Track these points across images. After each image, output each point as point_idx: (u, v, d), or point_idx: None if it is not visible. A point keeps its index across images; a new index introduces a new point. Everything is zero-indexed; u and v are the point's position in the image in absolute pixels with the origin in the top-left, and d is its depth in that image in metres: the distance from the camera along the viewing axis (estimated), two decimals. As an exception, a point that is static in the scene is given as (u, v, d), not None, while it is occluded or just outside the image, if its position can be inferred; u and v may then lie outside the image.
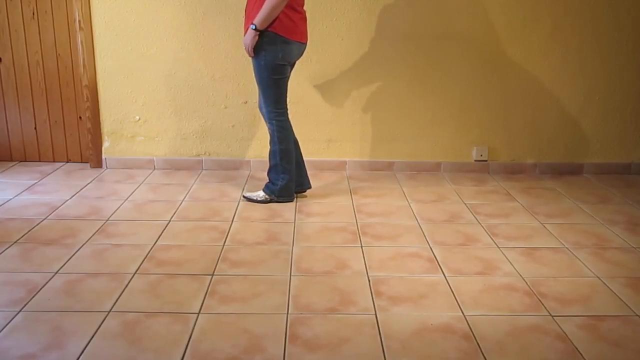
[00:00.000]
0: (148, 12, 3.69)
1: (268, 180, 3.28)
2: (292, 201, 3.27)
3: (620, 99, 3.91)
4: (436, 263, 2.57)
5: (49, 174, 3.77)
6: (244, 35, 2.99)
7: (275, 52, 2.96)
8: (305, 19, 3.08)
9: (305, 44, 3.12)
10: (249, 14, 2.98)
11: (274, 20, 2.89)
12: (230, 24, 3.71)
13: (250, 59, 3.13)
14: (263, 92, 3.10)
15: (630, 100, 3.92)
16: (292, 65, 3.17)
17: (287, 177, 3.22)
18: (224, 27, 3.71)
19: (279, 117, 3.13)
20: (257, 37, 2.92)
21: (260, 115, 3.33)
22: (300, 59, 3.76)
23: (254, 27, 2.89)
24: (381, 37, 3.75)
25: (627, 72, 3.86)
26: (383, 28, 3.73)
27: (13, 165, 3.95)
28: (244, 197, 3.30)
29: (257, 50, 2.98)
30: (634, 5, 3.73)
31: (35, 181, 3.62)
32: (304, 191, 3.39)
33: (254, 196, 3.27)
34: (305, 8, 3.09)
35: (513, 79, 3.85)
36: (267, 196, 3.25)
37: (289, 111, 3.20)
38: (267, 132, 3.23)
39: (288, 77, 3.14)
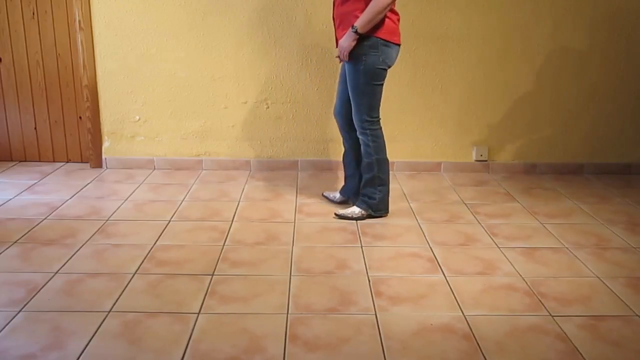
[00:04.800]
0: (148, 12, 3.69)
1: (362, 195, 3.07)
2: (387, 214, 3.10)
3: (620, 99, 3.91)
4: (436, 263, 2.57)
5: (49, 174, 3.77)
6: (337, 40, 2.90)
7: (376, 56, 2.81)
8: (399, 20, 2.93)
9: (400, 45, 2.94)
10: (342, 17, 2.85)
11: (376, 24, 2.76)
12: (230, 24, 3.71)
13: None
14: (356, 99, 2.91)
15: (630, 100, 3.92)
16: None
17: (385, 189, 3.05)
18: (224, 27, 3.72)
19: (373, 125, 2.95)
20: (355, 41, 2.77)
21: (335, 121, 3.18)
22: (300, 59, 3.78)
23: (354, 30, 2.74)
24: (381, 37, 3.74)
25: (627, 72, 3.86)
26: (383, 28, 3.73)
27: (13, 165, 3.95)
28: (336, 215, 3.09)
29: (355, 55, 2.82)
30: (634, 5, 3.74)
31: (35, 181, 3.62)
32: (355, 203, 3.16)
33: (349, 213, 3.06)
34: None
35: (513, 79, 3.85)
36: (363, 212, 3.05)
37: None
38: (361, 143, 3.02)
39: (382, 85, 2.94)
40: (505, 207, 3.32)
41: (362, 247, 2.73)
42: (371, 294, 2.27)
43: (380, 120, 2.98)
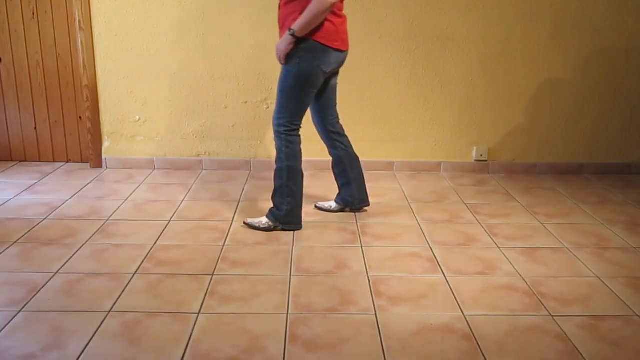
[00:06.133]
0: (148, 12, 3.69)
1: (272, 205, 2.90)
2: (299, 229, 2.91)
3: (620, 99, 3.91)
4: (436, 263, 2.57)
5: (49, 174, 3.77)
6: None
7: (311, 61, 2.66)
8: (346, 23, 2.77)
9: (346, 51, 2.80)
10: (284, 19, 2.70)
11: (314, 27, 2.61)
12: (230, 24, 3.71)
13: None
14: (282, 102, 2.75)
15: (630, 100, 3.92)
16: (331, 76, 2.85)
17: (293, 201, 2.85)
18: (224, 27, 3.72)
19: (291, 132, 2.78)
20: (292, 44, 2.63)
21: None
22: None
23: (291, 33, 2.59)
24: (381, 37, 3.75)
25: (627, 72, 3.86)
26: (383, 28, 3.73)
27: (13, 165, 3.95)
28: (245, 223, 2.94)
29: (290, 57, 2.67)
30: (635, 5, 3.74)
31: (35, 181, 3.62)
32: (361, 209, 3.17)
33: (256, 223, 2.90)
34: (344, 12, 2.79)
35: (513, 78, 3.85)
36: (270, 223, 2.88)
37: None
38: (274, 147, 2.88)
39: (314, 92, 2.78)
40: (505, 207, 3.32)
41: (362, 247, 2.73)
42: (371, 294, 2.28)
43: (299, 130, 2.82)
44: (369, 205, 3.18)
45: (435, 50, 3.78)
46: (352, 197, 3.11)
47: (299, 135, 2.83)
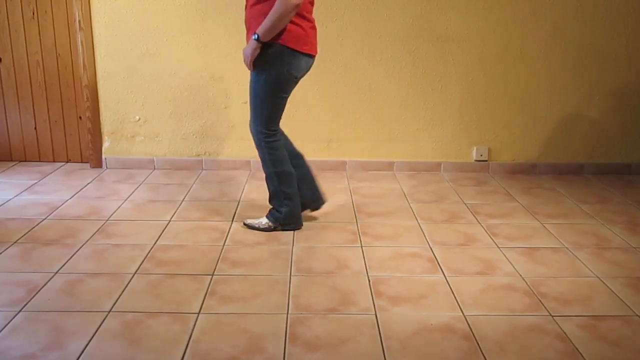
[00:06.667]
0: (148, 12, 3.69)
1: (271, 207, 2.91)
2: (299, 228, 2.91)
3: (620, 99, 3.91)
4: (436, 263, 2.57)
5: (49, 174, 3.77)
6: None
7: (280, 66, 2.58)
8: (315, 28, 2.69)
9: (315, 56, 2.72)
10: (250, 22, 2.61)
11: (280, 31, 2.53)
12: (230, 24, 3.71)
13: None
14: (256, 109, 2.70)
15: (630, 100, 3.92)
16: (297, 82, 2.75)
17: (291, 203, 2.84)
18: (224, 27, 3.72)
19: (269, 138, 2.74)
20: (259, 49, 2.54)
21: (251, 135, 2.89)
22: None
23: (256, 38, 2.51)
24: (381, 37, 3.75)
25: (627, 72, 3.86)
26: (383, 28, 3.73)
27: (13, 165, 3.95)
28: (244, 224, 2.94)
29: (259, 64, 2.59)
30: (635, 5, 3.74)
31: (35, 181, 3.62)
32: (318, 208, 3.01)
33: (256, 223, 2.90)
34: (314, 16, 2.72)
35: (513, 78, 3.85)
36: (270, 224, 2.87)
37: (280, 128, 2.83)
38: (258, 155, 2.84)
39: (286, 98, 2.74)
40: (505, 207, 3.32)
41: (362, 247, 2.73)
42: (371, 294, 2.28)
43: (278, 133, 2.78)
44: (324, 202, 2.99)
45: (435, 50, 3.78)
46: (302, 197, 2.92)
47: (279, 139, 2.79)
